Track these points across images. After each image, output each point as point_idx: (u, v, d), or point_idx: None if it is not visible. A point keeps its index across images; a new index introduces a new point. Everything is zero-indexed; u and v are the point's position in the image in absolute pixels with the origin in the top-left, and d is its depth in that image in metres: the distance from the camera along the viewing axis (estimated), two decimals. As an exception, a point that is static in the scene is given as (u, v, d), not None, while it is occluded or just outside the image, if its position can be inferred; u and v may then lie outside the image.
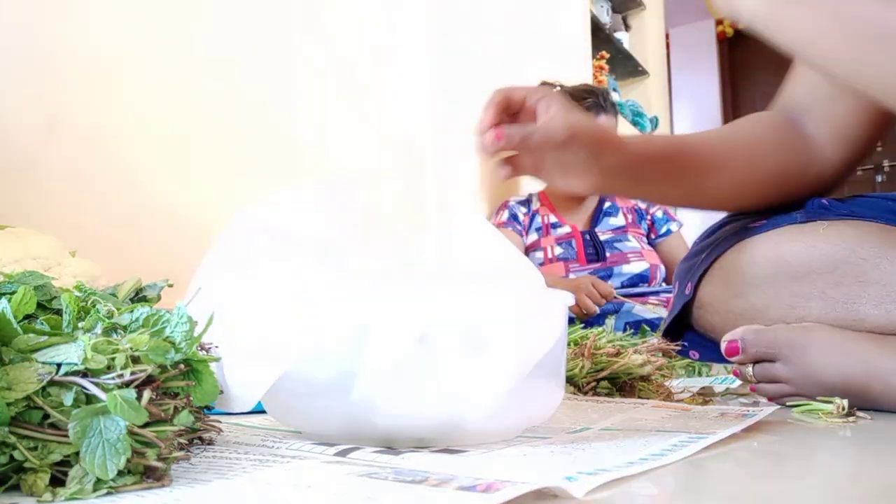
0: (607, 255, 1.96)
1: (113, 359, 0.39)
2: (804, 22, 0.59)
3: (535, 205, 2.16)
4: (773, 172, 0.86)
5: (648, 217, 2.14)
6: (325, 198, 0.64)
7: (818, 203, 0.82)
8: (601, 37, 3.26)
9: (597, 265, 1.96)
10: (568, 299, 0.56)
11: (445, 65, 2.06)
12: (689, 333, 0.94)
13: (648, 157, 0.82)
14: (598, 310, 1.80)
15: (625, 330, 1.34)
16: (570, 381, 0.82)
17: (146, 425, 0.38)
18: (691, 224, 2.16)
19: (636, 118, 3.41)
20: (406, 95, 1.90)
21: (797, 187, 0.86)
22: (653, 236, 2.12)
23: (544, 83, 2.07)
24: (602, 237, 2.04)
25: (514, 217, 2.13)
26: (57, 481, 0.36)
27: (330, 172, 1.58)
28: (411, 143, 1.87)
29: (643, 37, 3.76)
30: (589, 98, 2.08)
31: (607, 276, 1.96)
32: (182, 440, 0.43)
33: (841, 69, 0.61)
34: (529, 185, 2.38)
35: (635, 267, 1.98)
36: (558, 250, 2.05)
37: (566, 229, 2.07)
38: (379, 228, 0.67)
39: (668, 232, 2.11)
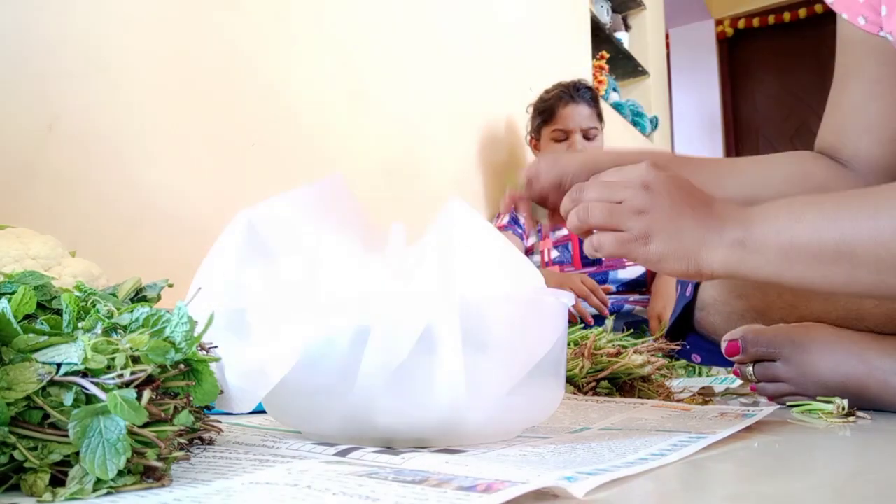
0: (603, 259, 1.95)
1: (113, 359, 0.39)
2: (763, 264, 0.64)
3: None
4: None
5: None
6: (324, 198, 0.64)
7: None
8: (601, 37, 3.26)
9: (592, 269, 1.96)
10: (568, 299, 0.56)
11: (445, 64, 2.06)
12: (690, 336, 0.94)
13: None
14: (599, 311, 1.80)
15: (624, 331, 1.34)
16: (570, 381, 0.82)
17: (146, 425, 0.38)
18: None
19: (636, 118, 3.40)
20: (405, 96, 1.90)
21: None
22: None
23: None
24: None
25: (514, 220, 2.13)
26: (57, 481, 0.36)
27: (330, 172, 1.58)
28: (411, 143, 1.87)
29: (643, 37, 3.76)
30: (555, 90, 2.09)
31: (602, 280, 1.96)
32: (182, 440, 0.43)
33: (816, 289, 0.66)
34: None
35: (631, 272, 1.98)
36: (555, 254, 2.05)
37: (564, 232, 2.07)
38: (378, 229, 0.67)
39: None
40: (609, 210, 0.67)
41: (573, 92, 2.08)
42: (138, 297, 0.64)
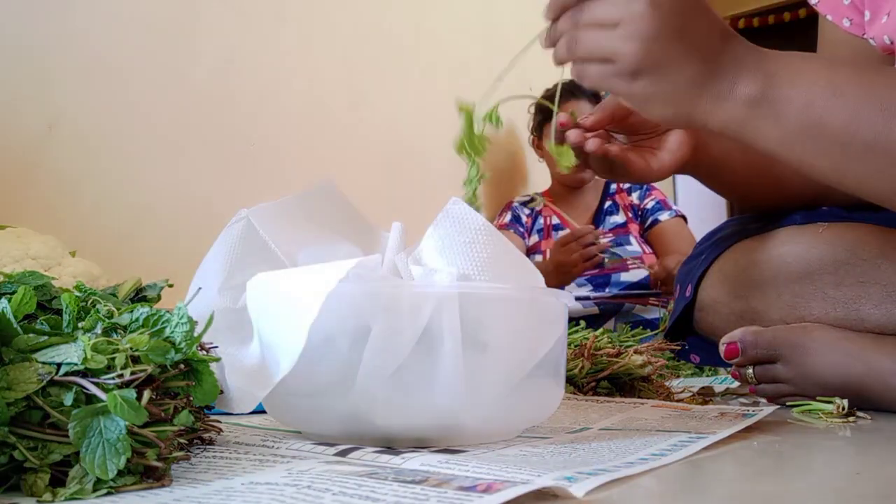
0: (606, 261, 1.94)
1: (113, 359, 0.39)
2: (774, 135, 0.57)
3: (539, 205, 2.15)
4: None
5: (640, 211, 2.12)
6: (315, 204, 0.64)
7: (817, 208, 0.82)
8: (601, 37, 3.26)
9: (594, 272, 1.95)
10: (568, 299, 0.56)
11: (444, 64, 2.06)
12: (690, 337, 0.94)
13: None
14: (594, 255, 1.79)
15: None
16: (570, 381, 0.82)
17: (146, 425, 0.38)
18: (689, 223, 2.15)
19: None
20: (405, 96, 1.90)
21: None
22: (644, 226, 2.11)
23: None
24: (604, 237, 2.03)
25: (516, 219, 2.12)
26: (57, 481, 0.36)
27: (330, 172, 1.58)
28: (411, 143, 1.87)
29: (643, 37, 3.76)
30: (555, 88, 2.09)
31: (605, 284, 1.96)
32: (182, 440, 0.43)
33: (820, 177, 0.60)
34: (534, 184, 2.38)
35: (634, 275, 1.97)
36: None
37: (566, 231, 2.06)
38: (377, 229, 0.67)
39: (656, 221, 2.08)
40: (601, 36, 0.56)
41: (573, 88, 2.08)
42: (138, 297, 0.64)
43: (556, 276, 1.81)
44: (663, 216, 2.07)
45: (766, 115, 0.55)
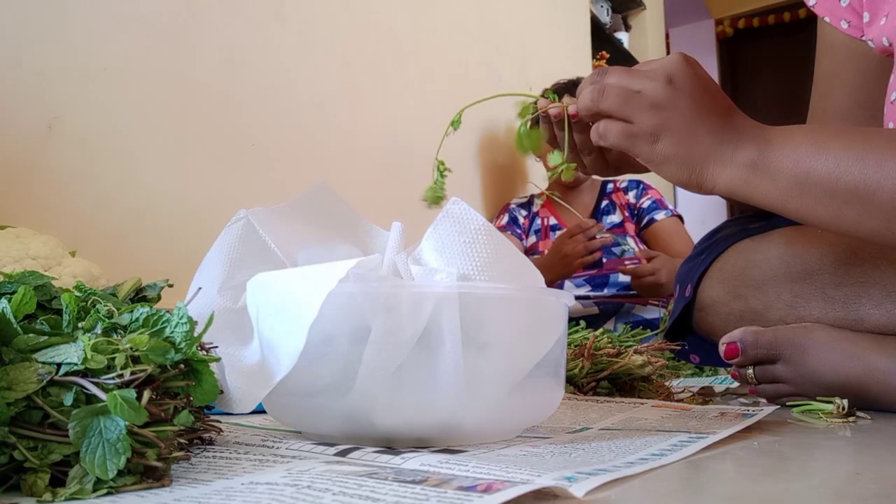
0: (603, 261, 1.95)
1: (113, 359, 0.39)
2: (771, 192, 0.63)
3: (536, 206, 2.16)
4: None
5: (637, 210, 2.12)
6: (312, 207, 0.64)
7: None
8: (601, 37, 3.26)
9: (592, 272, 1.95)
10: (568, 299, 0.56)
11: (444, 66, 2.06)
12: (689, 337, 0.94)
13: None
14: (596, 249, 1.80)
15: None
16: (570, 381, 0.82)
17: (146, 425, 0.38)
18: (690, 224, 2.15)
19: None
20: (405, 96, 1.90)
21: None
22: (640, 225, 2.11)
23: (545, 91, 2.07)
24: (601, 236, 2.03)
25: (513, 220, 2.13)
26: (57, 481, 0.36)
27: (330, 172, 1.58)
28: (411, 143, 1.87)
29: (643, 37, 3.76)
30: (555, 88, 2.09)
31: (602, 284, 1.96)
32: (182, 440, 0.43)
33: (819, 225, 0.65)
34: (531, 186, 2.38)
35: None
36: None
37: None
38: (377, 229, 0.67)
39: (652, 220, 2.09)
40: (625, 97, 0.63)
41: (573, 89, 2.08)
42: (138, 297, 0.64)
43: (560, 268, 1.81)
44: (659, 215, 2.08)
45: (762, 176, 0.62)
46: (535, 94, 0.81)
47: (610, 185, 2.17)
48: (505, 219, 2.13)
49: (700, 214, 3.69)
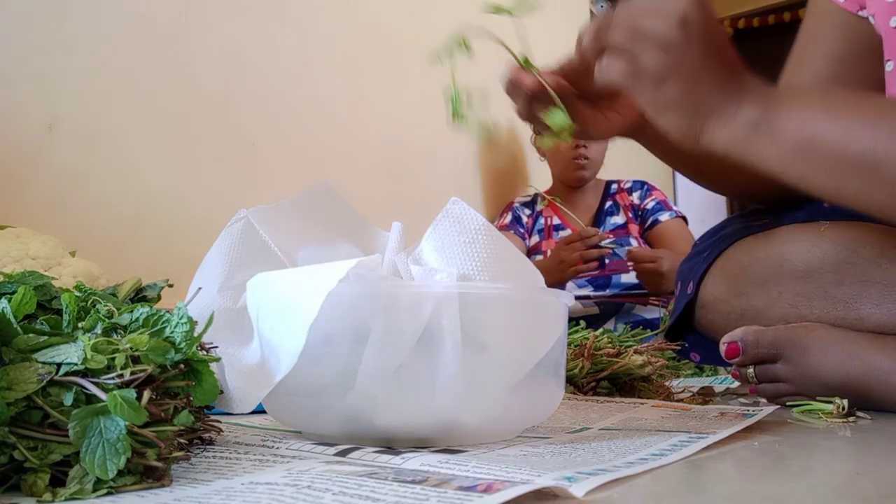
0: (606, 261, 1.94)
1: (113, 359, 0.39)
2: (773, 155, 0.60)
3: (540, 206, 2.15)
4: None
5: (640, 211, 2.12)
6: (313, 206, 0.64)
7: (818, 204, 0.82)
8: (601, 37, 3.26)
9: (595, 273, 1.95)
10: (568, 299, 0.56)
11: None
12: (690, 335, 0.94)
13: None
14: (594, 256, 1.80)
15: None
16: (570, 381, 0.82)
17: (146, 425, 0.38)
18: (690, 223, 2.15)
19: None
20: (405, 96, 1.90)
21: None
22: (645, 226, 2.11)
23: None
24: (608, 240, 2.02)
25: (517, 220, 2.12)
26: (57, 481, 0.36)
27: (330, 172, 1.58)
28: (410, 143, 1.87)
29: (643, 37, 3.76)
30: None
31: (605, 285, 1.96)
32: (182, 440, 0.43)
33: (819, 193, 0.63)
34: (535, 185, 2.38)
35: (634, 276, 1.97)
36: None
37: (569, 232, 2.06)
38: (377, 229, 0.67)
39: (657, 221, 2.08)
40: (634, 32, 0.59)
41: None
42: (138, 297, 0.64)
43: (557, 273, 1.82)
44: (664, 216, 2.07)
45: (765, 137, 0.59)
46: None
47: (614, 186, 2.16)
48: (508, 217, 2.12)
49: (700, 214, 3.68)
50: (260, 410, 0.54)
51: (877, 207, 0.60)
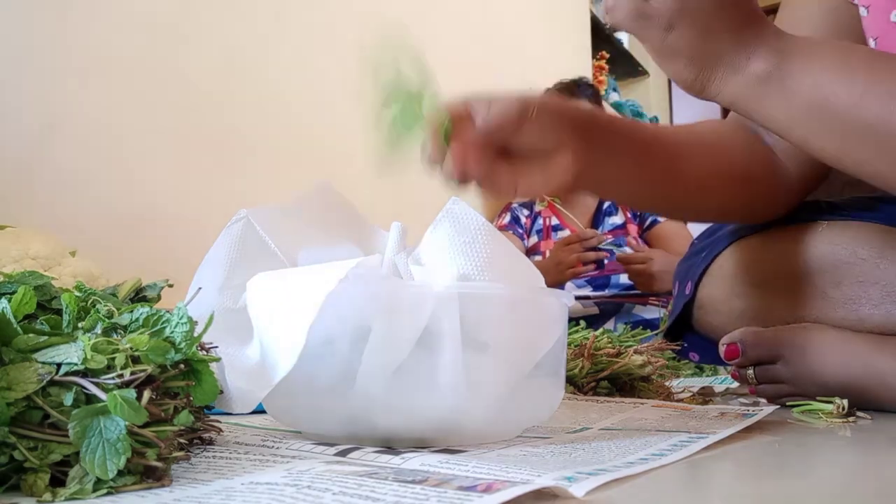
0: (605, 262, 1.95)
1: (113, 359, 0.39)
2: (781, 112, 0.58)
3: (539, 206, 2.16)
4: (739, 167, 0.79)
5: (639, 211, 2.12)
6: (313, 205, 0.64)
7: (816, 204, 0.82)
8: (601, 37, 3.26)
9: (594, 273, 1.95)
10: (568, 299, 0.56)
11: (444, 64, 2.06)
12: (689, 335, 0.94)
13: (623, 132, 0.74)
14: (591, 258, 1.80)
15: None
16: (570, 381, 0.82)
17: (146, 425, 0.38)
18: (689, 226, 2.15)
19: (636, 118, 3.41)
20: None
21: (764, 189, 0.81)
22: (643, 227, 2.11)
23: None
24: (607, 242, 2.03)
25: (515, 220, 2.12)
26: (57, 481, 0.36)
27: (330, 172, 1.58)
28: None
29: (643, 37, 3.75)
30: (556, 88, 2.09)
31: (604, 285, 1.96)
32: (182, 440, 0.43)
33: (821, 156, 0.61)
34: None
35: None
36: None
37: (567, 232, 2.06)
38: (376, 229, 0.67)
39: (655, 221, 2.08)
40: None
41: (574, 89, 2.08)
42: (138, 297, 0.64)
43: (555, 274, 1.82)
44: (663, 217, 2.07)
45: (775, 92, 0.56)
46: (536, 91, 0.78)
47: None
48: (507, 218, 2.13)
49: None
50: (260, 410, 0.54)
51: (881, 177, 0.58)
